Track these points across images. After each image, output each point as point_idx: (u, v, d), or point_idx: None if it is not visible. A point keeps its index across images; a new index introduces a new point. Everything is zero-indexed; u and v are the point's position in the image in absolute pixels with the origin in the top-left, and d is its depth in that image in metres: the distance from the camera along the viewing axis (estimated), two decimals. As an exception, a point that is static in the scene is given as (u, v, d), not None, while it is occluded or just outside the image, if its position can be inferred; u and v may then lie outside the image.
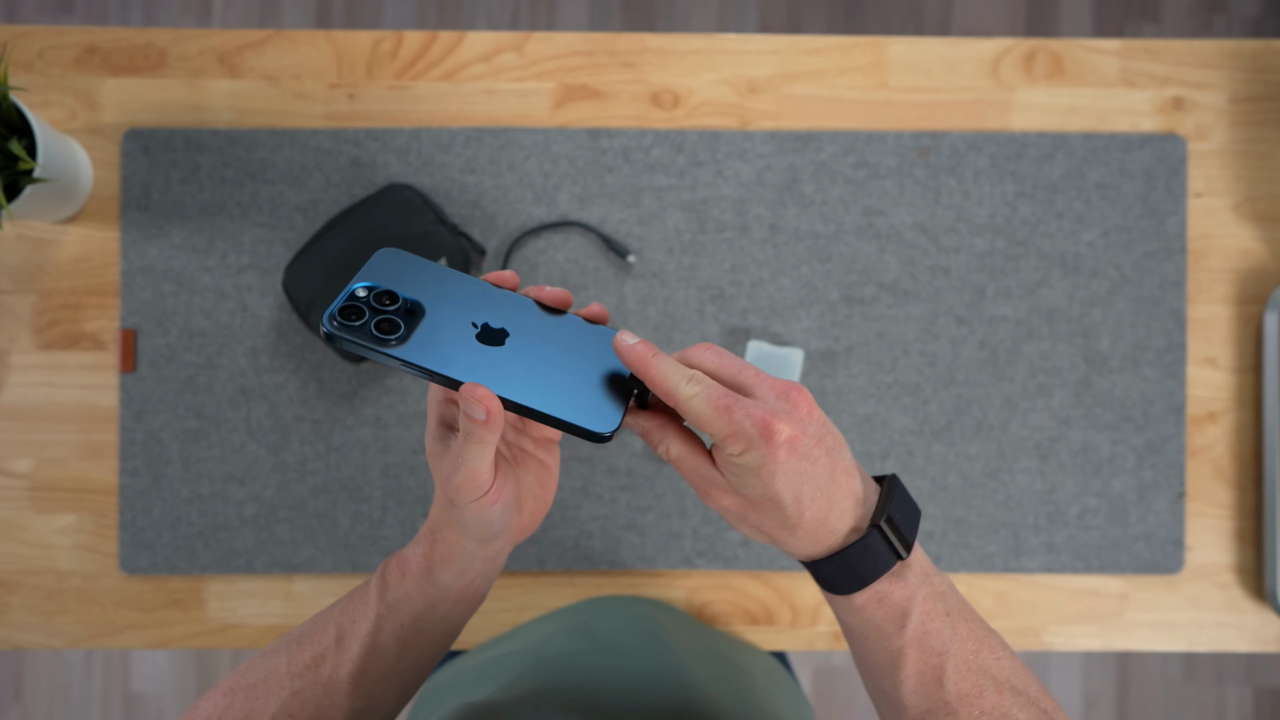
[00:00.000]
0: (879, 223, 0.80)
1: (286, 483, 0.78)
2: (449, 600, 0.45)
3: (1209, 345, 0.81)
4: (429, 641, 0.46)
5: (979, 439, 0.80)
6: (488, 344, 0.42)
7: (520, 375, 0.42)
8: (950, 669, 0.42)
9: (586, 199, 0.79)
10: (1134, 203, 0.80)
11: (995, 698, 0.42)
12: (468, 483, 0.41)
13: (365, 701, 0.45)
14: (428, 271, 0.44)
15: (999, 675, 0.43)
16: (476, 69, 0.80)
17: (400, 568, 0.45)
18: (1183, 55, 0.81)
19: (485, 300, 0.44)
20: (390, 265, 0.43)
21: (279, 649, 0.46)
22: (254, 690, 0.45)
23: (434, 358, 0.41)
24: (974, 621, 0.44)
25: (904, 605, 0.43)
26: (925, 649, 0.42)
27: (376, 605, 0.45)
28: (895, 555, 0.42)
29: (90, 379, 0.78)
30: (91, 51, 0.79)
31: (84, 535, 0.78)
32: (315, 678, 0.44)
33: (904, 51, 0.80)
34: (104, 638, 0.78)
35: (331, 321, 0.40)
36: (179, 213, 0.78)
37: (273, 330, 0.78)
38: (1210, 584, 0.80)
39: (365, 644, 0.44)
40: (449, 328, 0.42)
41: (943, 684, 0.42)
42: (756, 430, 0.39)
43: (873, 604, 0.43)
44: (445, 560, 0.44)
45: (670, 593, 0.79)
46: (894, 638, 0.43)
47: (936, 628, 0.43)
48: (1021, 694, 0.43)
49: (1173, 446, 0.80)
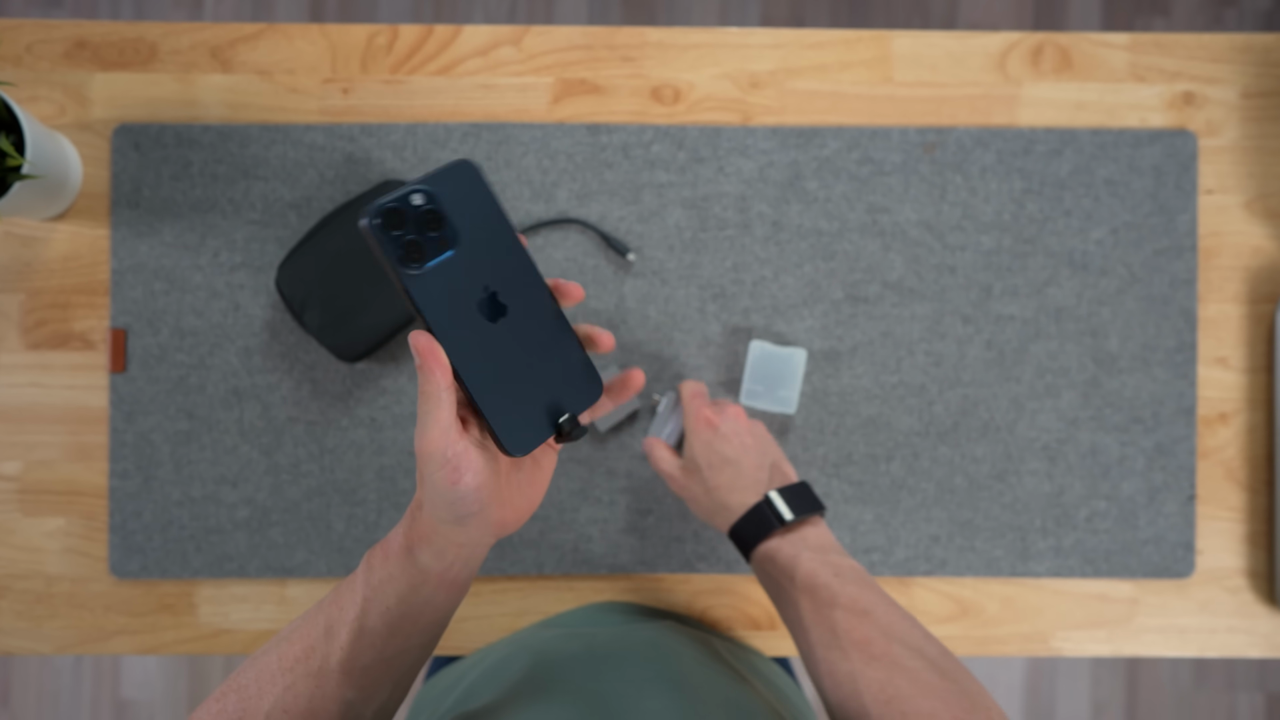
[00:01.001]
0: (883, 220, 0.79)
1: (280, 485, 0.78)
2: (430, 583, 0.46)
3: (1220, 345, 0.80)
4: (415, 627, 0.47)
5: (985, 440, 0.79)
6: (484, 314, 0.43)
7: (485, 356, 0.43)
8: (839, 617, 0.53)
9: (585, 196, 0.79)
10: (1144, 200, 0.80)
11: (884, 645, 0.51)
12: (425, 445, 0.42)
13: (357, 691, 0.46)
14: (487, 209, 0.43)
15: (891, 631, 0.52)
16: (473, 63, 0.79)
17: (383, 550, 0.46)
18: (1193, 49, 0.81)
19: (511, 267, 0.43)
20: (460, 183, 0.43)
21: (269, 648, 0.47)
22: (246, 690, 0.46)
23: (429, 303, 0.41)
24: (872, 590, 0.55)
25: (790, 562, 0.57)
26: (816, 600, 0.54)
27: (362, 589, 0.46)
28: (779, 520, 0.61)
29: (79, 379, 0.78)
30: (81, 45, 0.79)
31: (73, 538, 0.78)
32: (306, 670, 0.45)
33: (909, 45, 0.80)
34: (94, 643, 0.78)
35: (373, 218, 0.41)
36: (170, 210, 0.78)
37: (266, 330, 0.78)
38: (1221, 588, 0.80)
39: (353, 629, 0.45)
40: (463, 280, 0.42)
41: (835, 632, 0.52)
42: (693, 415, 0.69)
43: (766, 560, 0.59)
44: (422, 539, 0.45)
45: (671, 597, 0.79)
46: (789, 589, 0.56)
47: (824, 581, 0.55)
48: (911, 648, 0.51)
49: (1183, 448, 0.80)
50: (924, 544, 0.79)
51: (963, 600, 0.80)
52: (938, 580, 0.80)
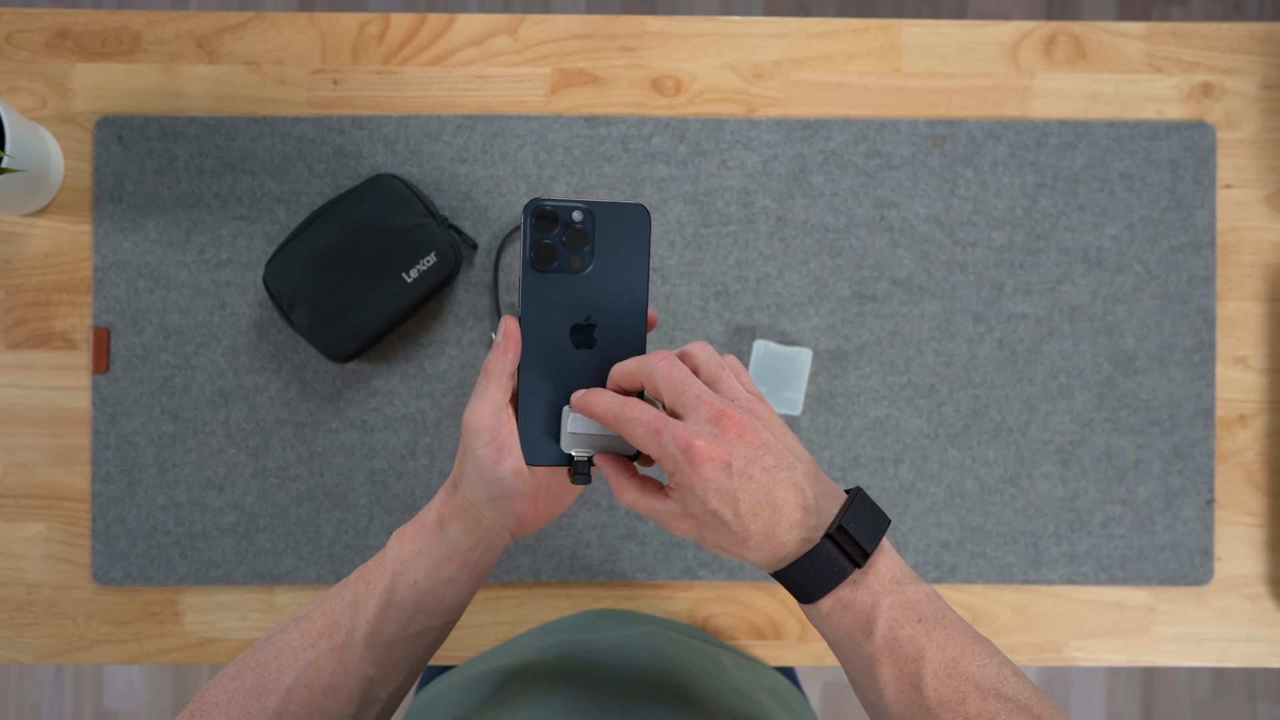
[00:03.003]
0: (892, 215, 0.80)
1: (268, 489, 0.78)
2: (455, 561, 0.49)
3: (1239, 344, 0.81)
4: (439, 606, 0.50)
5: (997, 443, 0.80)
6: (573, 336, 0.47)
7: (551, 370, 0.47)
8: (928, 675, 0.45)
9: (584, 190, 0.79)
10: (1160, 194, 0.80)
11: (979, 704, 0.44)
12: (475, 419, 0.46)
13: (378, 668, 0.49)
14: (634, 257, 0.47)
15: (983, 682, 0.45)
16: (468, 53, 0.80)
17: (416, 525, 0.50)
18: (1212, 39, 0.81)
19: (622, 314, 0.48)
20: (625, 222, 0.47)
21: (286, 627, 0.49)
22: (265, 666, 0.48)
23: (532, 302, 0.46)
24: (955, 629, 0.46)
25: (868, 612, 0.46)
26: (898, 655, 0.45)
27: (391, 564, 0.49)
28: (851, 563, 0.46)
29: (61, 380, 0.78)
30: (62, 35, 0.79)
31: (54, 545, 0.78)
32: (330, 644, 0.48)
33: (918, 35, 0.80)
34: (75, 652, 0.78)
35: (532, 213, 0.46)
36: (154, 205, 0.78)
37: (253, 329, 0.78)
38: (1241, 596, 0.80)
39: (380, 602, 0.48)
40: (572, 301, 0.47)
41: (921, 690, 0.45)
42: (680, 452, 0.44)
43: (837, 611, 0.46)
44: (455, 514, 0.49)
45: (672, 605, 0.79)
46: (864, 644, 0.46)
47: (908, 634, 0.45)
48: (1010, 700, 0.45)
49: (1201, 451, 0.80)
50: (933, 550, 0.79)
51: (973, 608, 0.80)
52: (947, 588, 0.80)
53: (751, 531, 0.46)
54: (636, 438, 0.45)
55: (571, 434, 0.48)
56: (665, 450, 0.45)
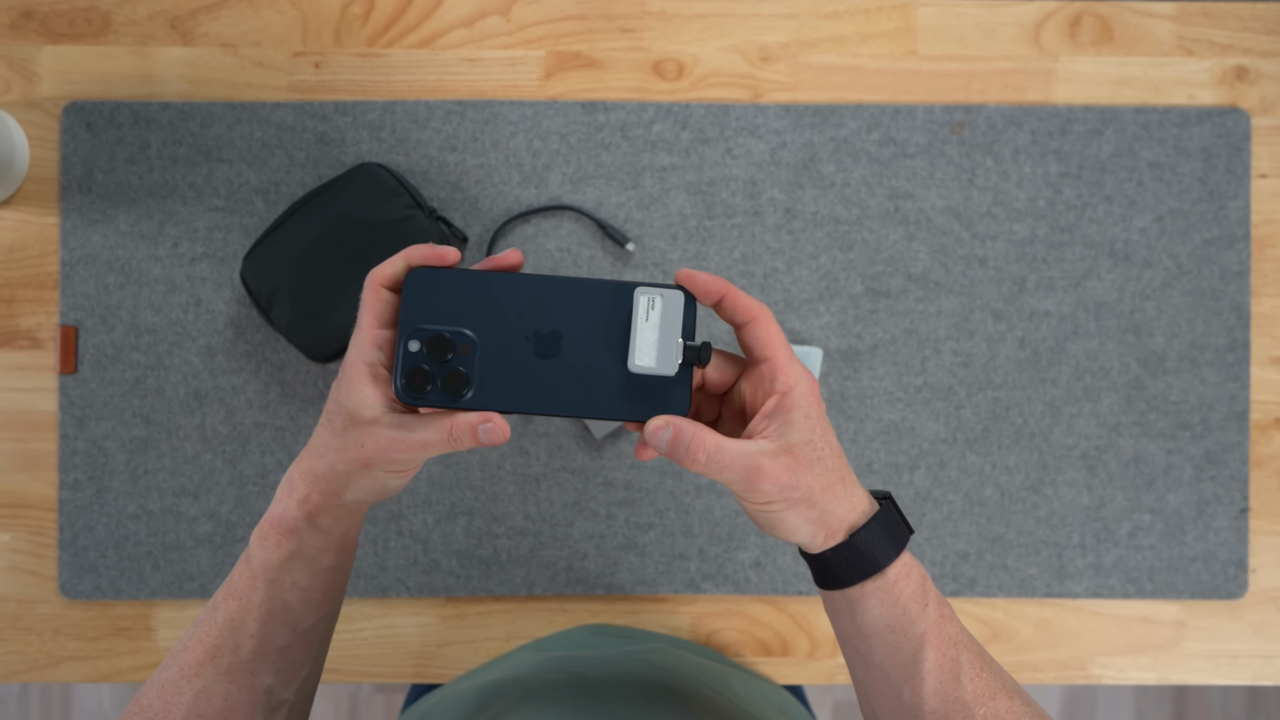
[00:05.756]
0: (907, 207, 0.79)
1: (245, 497, 0.78)
2: (331, 549, 0.50)
3: (1275, 343, 0.80)
4: (325, 596, 0.51)
5: (1018, 448, 0.79)
6: (545, 357, 0.46)
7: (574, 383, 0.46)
8: (966, 663, 0.45)
9: (580, 180, 0.79)
10: (1191, 184, 0.80)
11: (1007, 702, 0.45)
12: (410, 463, 0.46)
13: (275, 675, 0.49)
14: (465, 285, 0.46)
15: (1005, 680, 0.46)
16: (457, 35, 0.79)
17: (279, 526, 0.48)
18: (1246, 20, 0.81)
19: (531, 301, 0.46)
20: (426, 292, 0.46)
21: (165, 665, 0.50)
22: (150, 709, 0.48)
23: (503, 396, 0.46)
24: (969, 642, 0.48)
25: (923, 580, 0.46)
26: (943, 637, 0.46)
27: (262, 574, 0.49)
28: (907, 529, 0.47)
29: (26, 381, 0.78)
30: (27, 16, 0.78)
31: (18, 555, 0.78)
32: (215, 670, 0.48)
33: (935, 16, 0.80)
34: (41, 670, 0.78)
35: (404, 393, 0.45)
36: (125, 195, 0.78)
37: (230, 327, 0.78)
38: (1277, 610, 0.80)
39: (260, 614, 0.48)
40: (507, 352, 0.46)
41: (960, 681, 0.45)
42: (780, 370, 0.45)
43: (902, 579, 0.46)
44: (321, 509, 0.49)
45: (674, 620, 0.79)
46: (918, 620, 0.45)
47: (948, 614, 0.46)
48: (1030, 706, 0.46)
49: (1235, 456, 0.80)
50: (951, 561, 0.79)
51: (993, 623, 0.80)
52: (966, 601, 0.80)
53: (844, 471, 0.45)
54: (755, 341, 0.45)
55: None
56: (777, 360, 0.45)
